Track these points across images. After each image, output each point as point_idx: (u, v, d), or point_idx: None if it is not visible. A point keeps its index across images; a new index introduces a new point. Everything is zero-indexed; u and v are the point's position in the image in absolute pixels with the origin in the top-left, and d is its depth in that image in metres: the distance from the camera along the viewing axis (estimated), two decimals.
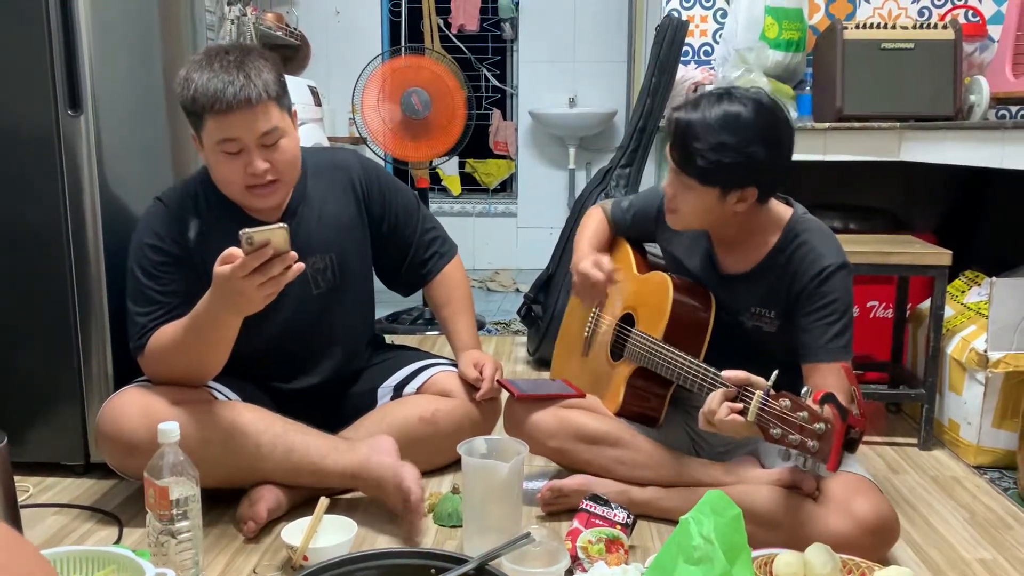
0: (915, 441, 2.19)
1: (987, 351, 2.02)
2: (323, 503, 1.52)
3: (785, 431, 1.31)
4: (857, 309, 1.63)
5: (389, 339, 2.18)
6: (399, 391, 1.92)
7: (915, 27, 2.54)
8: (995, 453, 2.05)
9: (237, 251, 1.40)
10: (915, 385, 2.21)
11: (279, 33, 3.82)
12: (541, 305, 2.92)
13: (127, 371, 1.76)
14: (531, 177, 5.02)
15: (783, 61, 2.76)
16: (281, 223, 1.43)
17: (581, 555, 1.46)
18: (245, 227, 1.38)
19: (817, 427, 1.28)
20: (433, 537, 1.65)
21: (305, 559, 1.45)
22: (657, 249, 1.90)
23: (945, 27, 2.52)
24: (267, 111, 1.57)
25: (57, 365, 1.86)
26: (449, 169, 5.06)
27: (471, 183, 5.19)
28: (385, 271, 2.00)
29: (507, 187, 5.20)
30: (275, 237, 1.38)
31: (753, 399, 1.36)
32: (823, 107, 2.63)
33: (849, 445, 1.29)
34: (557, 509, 1.72)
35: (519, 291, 4.30)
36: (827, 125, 2.50)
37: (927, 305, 2.22)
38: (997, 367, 2.00)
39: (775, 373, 1.37)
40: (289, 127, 1.64)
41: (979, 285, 2.29)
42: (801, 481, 1.54)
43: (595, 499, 1.54)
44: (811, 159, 2.50)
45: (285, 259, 1.41)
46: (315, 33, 4.49)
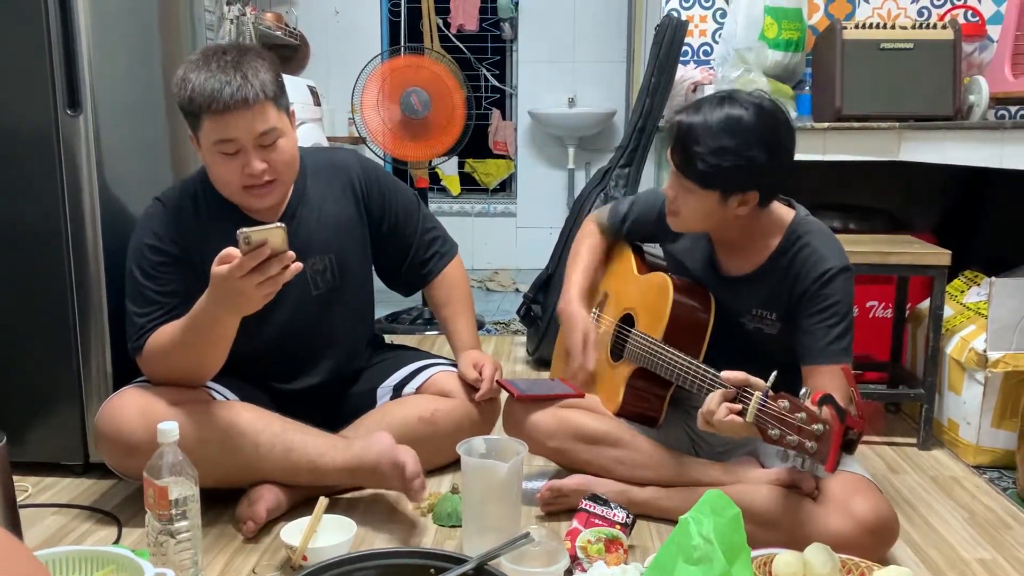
0: (914, 441, 2.19)
1: (986, 351, 2.02)
2: (322, 503, 1.52)
3: (783, 432, 1.31)
4: (856, 309, 1.63)
5: (388, 339, 2.18)
6: (398, 391, 1.92)
7: (914, 27, 2.54)
8: (994, 453, 2.05)
9: (235, 251, 1.39)
10: (914, 385, 2.21)
11: (278, 33, 3.81)
12: (540, 305, 2.91)
13: (126, 371, 1.76)
14: (530, 177, 5.02)
15: (782, 61, 2.76)
16: (279, 223, 1.43)
17: (580, 555, 1.46)
18: (244, 227, 1.38)
19: (815, 428, 1.28)
20: (432, 537, 1.65)
21: (304, 559, 1.45)
22: (657, 249, 1.89)
23: (944, 27, 2.52)
24: (264, 111, 1.57)
25: (56, 365, 1.86)
26: (448, 169, 5.06)
27: (470, 183, 5.19)
28: (385, 271, 2.00)
29: (506, 187, 5.20)
30: (273, 237, 1.38)
31: (752, 400, 1.36)
32: (822, 107, 2.63)
33: (847, 446, 1.30)
34: (556, 509, 1.72)
35: (518, 291, 4.30)
36: (826, 125, 2.50)
37: (926, 305, 2.22)
38: (996, 367, 2.00)
39: (774, 374, 1.37)
40: (287, 127, 1.64)
41: (978, 285, 2.29)
42: (800, 481, 1.54)
43: (594, 499, 1.54)
44: (810, 159, 2.50)
45: (283, 259, 1.40)
46: (314, 33, 4.49)
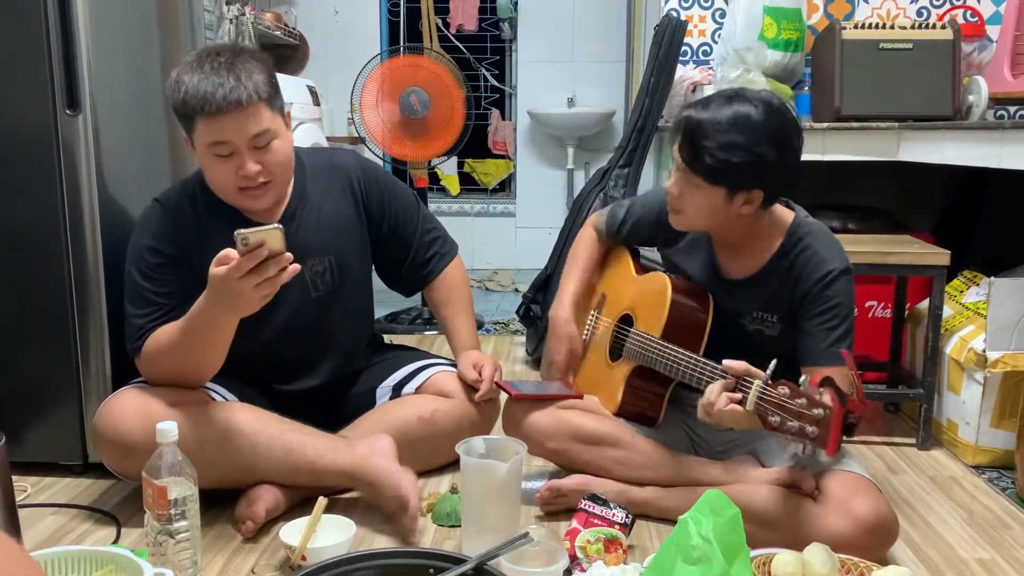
0: (913, 441, 2.19)
1: (985, 351, 2.02)
2: (321, 503, 1.52)
3: (784, 419, 1.31)
4: (856, 309, 1.63)
5: (388, 339, 2.18)
6: (398, 391, 1.92)
7: (914, 27, 2.54)
8: (993, 453, 2.05)
9: (233, 252, 1.39)
10: (913, 385, 2.21)
11: (278, 33, 3.81)
12: (540, 305, 2.91)
13: (125, 371, 1.76)
14: (530, 177, 5.02)
15: (781, 61, 2.76)
16: (277, 224, 1.43)
17: (580, 555, 1.46)
18: (242, 228, 1.37)
19: (815, 413, 1.28)
20: (431, 537, 1.65)
21: (303, 559, 1.45)
22: (655, 254, 1.89)
23: (944, 27, 2.52)
24: (258, 113, 1.56)
25: (55, 365, 1.86)
26: (448, 169, 5.06)
27: (470, 183, 5.19)
28: (386, 271, 2.00)
29: (506, 187, 5.20)
30: (270, 238, 1.38)
31: (752, 388, 1.36)
32: (821, 107, 2.63)
33: (847, 430, 1.29)
34: (556, 509, 1.72)
35: (518, 291, 4.30)
36: (825, 125, 2.50)
37: (926, 305, 2.22)
38: (995, 367, 2.00)
39: (773, 362, 1.37)
40: (281, 128, 1.63)
41: (977, 285, 2.30)
42: (800, 481, 1.54)
43: (594, 499, 1.54)
44: (810, 159, 2.50)
45: (280, 260, 1.40)
46: (314, 33, 4.48)
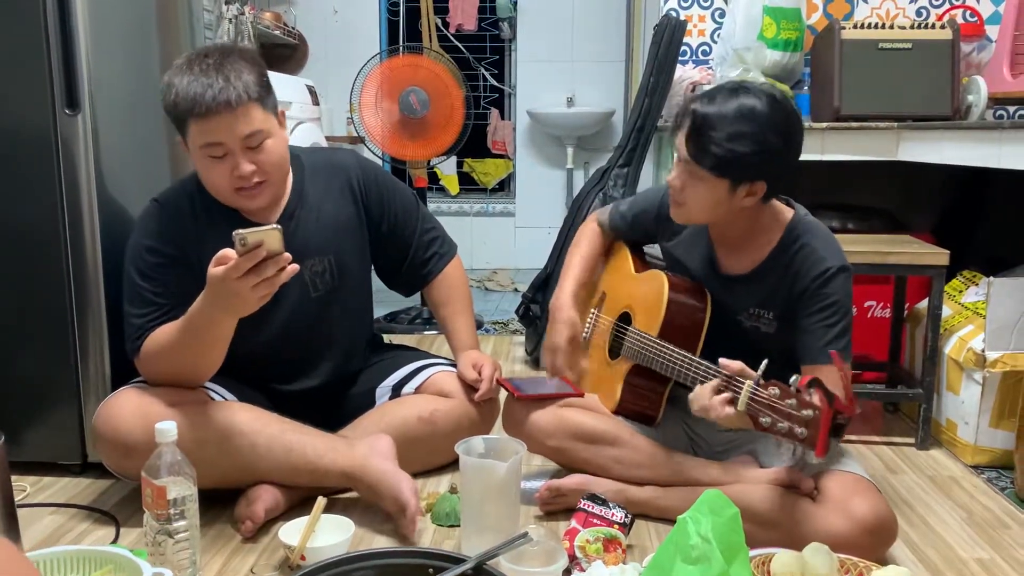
0: (913, 441, 2.19)
1: (985, 351, 2.02)
2: (321, 503, 1.52)
3: (774, 419, 1.32)
4: (855, 309, 1.63)
5: (387, 338, 2.18)
6: (397, 391, 1.92)
7: (913, 27, 2.54)
8: (992, 453, 2.05)
9: (231, 252, 1.39)
10: (913, 385, 2.21)
11: (277, 32, 3.81)
12: (539, 304, 2.91)
13: (124, 371, 1.76)
14: (529, 177, 5.02)
15: (781, 61, 2.76)
16: (275, 224, 1.43)
17: (579, 555, 1.46)
18: (240, 228, 1.37)
19: (805, 414, 1.28)
20: (431, 537, 1.65)
21: (303, 558, 1.45)
22: (655, 250, 1.89)
23: (943, 27, 2.52)
24: (249, 113, 1.56)
25: (54, 364, 1.86)
26: (447, 168, 5.06)
27: (469, 183, 5.18)
28: (385, 271, 2.00)
29: (505, 187, 5.20)
30: (269, 238, 1.38)
31: (743, 389, 1.36)
32: (821, 107, 2.63)
33: (836, 431, 1.30)
34: (555, 508, 1.72)
35: (517, 291, 4.30)
36: (825, 125, 2.50)
37: (925, 305, 2.23)
38: (995, 367, 2.00)
39: (764, 363, 1.37)
40: (274, 128, 1.63)
41: (977, 285, 2.30)
42: (799, 481, 1.54)
43: (593, 498, 1.54)
44: (809, 159, 2.50)
45: (279, 260, 1.40)
46: (313, 32, 4.48)
